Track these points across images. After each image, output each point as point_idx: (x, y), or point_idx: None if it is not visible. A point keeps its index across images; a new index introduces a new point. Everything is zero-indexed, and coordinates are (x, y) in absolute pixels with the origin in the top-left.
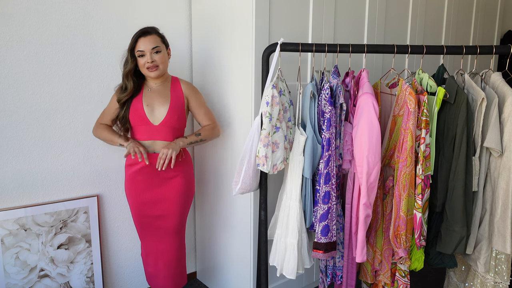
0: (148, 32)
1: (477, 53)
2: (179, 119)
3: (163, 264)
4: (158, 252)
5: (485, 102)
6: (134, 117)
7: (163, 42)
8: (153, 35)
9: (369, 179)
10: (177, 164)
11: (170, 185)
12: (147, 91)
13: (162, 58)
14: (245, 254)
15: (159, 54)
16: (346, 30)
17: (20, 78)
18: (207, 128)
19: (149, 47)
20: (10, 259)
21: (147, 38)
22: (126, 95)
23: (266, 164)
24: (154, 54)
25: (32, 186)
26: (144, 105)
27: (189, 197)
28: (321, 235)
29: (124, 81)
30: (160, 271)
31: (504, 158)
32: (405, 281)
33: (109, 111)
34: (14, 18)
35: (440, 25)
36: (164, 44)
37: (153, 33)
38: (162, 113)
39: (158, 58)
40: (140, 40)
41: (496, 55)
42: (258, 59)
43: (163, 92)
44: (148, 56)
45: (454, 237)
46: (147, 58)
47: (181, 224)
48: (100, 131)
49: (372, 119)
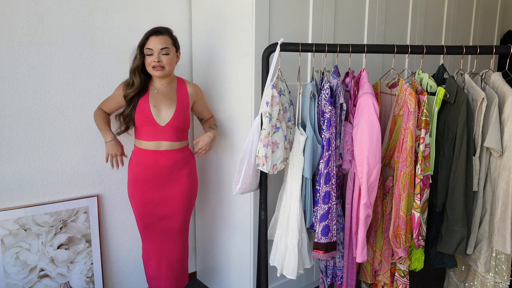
0: (160, 32)
1: (477, 53)
2: (184, 120)
3: (166, 265)
4: (161, 253)
5: (485, 102)
6: (140, 117)
7: (174, 45)
8: (165, 36)
9: (370, 179)
10: (183, 164)
11: (176, 185)
12: (154, 92)
13: (169, 60)
14: (245, 254)
15: (167, 55)
16: (346, 30)
17: (20, 78)
18: (213, 119)
19: (158, 47)
20: (10, 259)
21: (158, 37)
22: (133, 91)
23: (266, 164)
24: (162, 55)
25: (32, 186)
26: (151, 106)
27: (193, 197)
28: (321, 235)
29: (131, 77)
30: (163, 273)
31: (504, 158)
32: (405, 281)
33: (113, 100)
34: (14, 18)
35: (440, 25)
36: (174, 47)
37: (165, 34)
38: (169, 114)
39: (165, 59)
40: (151, 38)
41: (496, 55)
42: (258, 59)
43: (170, 94)
44: (156, 55)
45: (454, 237)
46: (155, 57)
47: (185, 224)
48: (97, 116)
49: (372, 119)
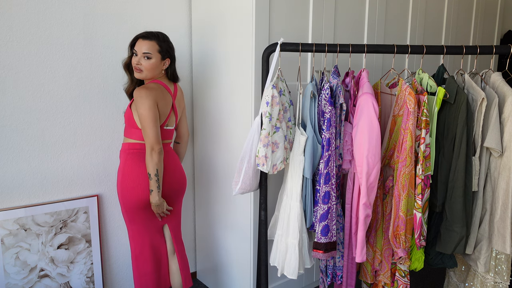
0: (148, 37)
1: (477, 53)
2: (127, 118)
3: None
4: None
5: (485, 102)
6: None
7: (160, 52)
8: (152, 42)
9: (369, 179)
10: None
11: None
12: None
13: (149, 65)
14: (245, 254)
15: (148, 60)
16: (346, 30)
17: (20, 78)
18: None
19: (141, 50)
20: (10, 259)
21: (144, 41)
22: (128, 85)
23: (266, 164)
24: (143, 59)
25: (32, 186)
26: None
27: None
28: (321, 235)
29: (125, 72)
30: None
31: (504, 158)
32: (405, 281)
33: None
34: (14, 18)
35: (440, 25)
36: (160, 54)
37: (153, 40)
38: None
39: (144, 64)
40: (139, 40)
41: (496, 55)
42: (258, 59)
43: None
44: (138, 58)
45: (453, 237)
46: (136, 59)
47: (128, 224)
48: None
49: (372, 119)
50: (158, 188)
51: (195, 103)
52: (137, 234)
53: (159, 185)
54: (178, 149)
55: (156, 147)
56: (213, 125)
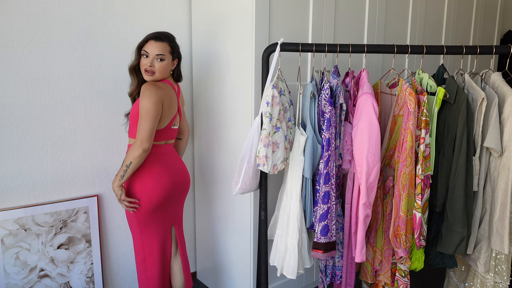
0: (160, 38)
1: (477, 53)
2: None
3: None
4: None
5: (485, 102)
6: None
7: (172, 53)
8: (164, 43)
9: (369, 179)
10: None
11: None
12: None
13: (162, 67)
14: (245, 254)
15: (161, 62)
16: (346, 30)
17: (20, 78)
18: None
19: (154, 52)
20: (10, 259)
21: (157, 43)
22: (133, 89)
23: (267, 164)
24: (156, 61)
25: (32, 186)
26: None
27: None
28: (321, 235)
29: (130, 75)
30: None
31: (504, 158)
32: (405, 281)
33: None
34: (14, 18)
35: (440, 25)
36: (171, 55)
37: (165, 41)
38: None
39: (158, 66)
40: (150, 42)
41: (496, 55)
42: (258, 59)
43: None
44: (150, 59)
45: (454, 237)
46: (149, 61)
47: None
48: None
49: (372, 119)
50: (121, 178)
51: (195, 103)
52: (148, 236)
53: (123, 175)
54: (179, 145)
55: (145, 144)
56: (213, 125)
